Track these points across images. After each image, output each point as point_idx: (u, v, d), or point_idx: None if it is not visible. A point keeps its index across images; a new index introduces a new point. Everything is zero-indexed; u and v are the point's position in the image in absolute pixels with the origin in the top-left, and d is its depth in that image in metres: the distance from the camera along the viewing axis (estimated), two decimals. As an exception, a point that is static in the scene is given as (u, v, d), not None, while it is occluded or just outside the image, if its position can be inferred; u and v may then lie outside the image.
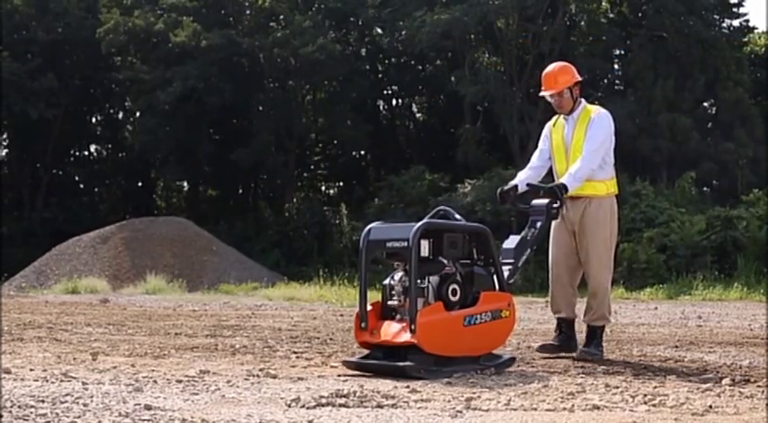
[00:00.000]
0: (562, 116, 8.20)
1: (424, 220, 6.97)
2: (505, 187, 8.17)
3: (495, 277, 7.21)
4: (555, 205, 7.89)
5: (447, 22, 35.30)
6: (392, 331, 6.78)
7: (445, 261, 6.95)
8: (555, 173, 8.20)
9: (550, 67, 8.23)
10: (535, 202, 8.02)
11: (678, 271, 26.62)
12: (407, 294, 6.74)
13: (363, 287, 6.99)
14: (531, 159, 8.40)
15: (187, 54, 38.02)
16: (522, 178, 8.20)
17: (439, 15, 35.43)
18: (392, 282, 6.95)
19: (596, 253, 8.02)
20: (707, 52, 35.67)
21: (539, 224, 7.85)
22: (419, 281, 6.76)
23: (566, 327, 8.21)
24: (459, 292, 6.93)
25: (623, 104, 34.73)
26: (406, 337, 6.65)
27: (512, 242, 7.76)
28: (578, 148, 7.99)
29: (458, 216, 7.33)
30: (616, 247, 8.33)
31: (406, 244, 6.71)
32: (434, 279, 6.89)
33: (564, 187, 7.77)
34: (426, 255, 6.87)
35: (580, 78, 8.18)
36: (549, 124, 8.37)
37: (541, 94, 8.22)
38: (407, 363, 6.56)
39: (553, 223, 8.16)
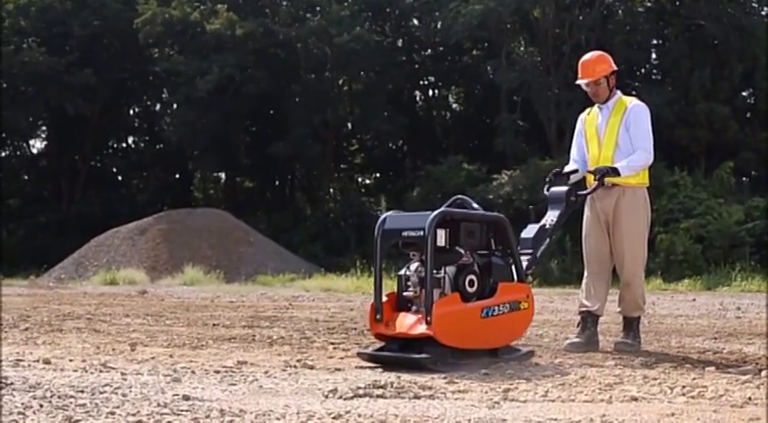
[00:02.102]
0: (597, 106, 8.18)
1: (441, 209, 6.81)
2: (565, 170, 8.13)
3: (513, 268, 7.08)
4: (577, 192, 7.85)
5: (482, 12, 35.18)
6: (408, 323, 6.64)
7: (462, 251, 6.80)
8: (587, 161, 8.17)
9: (587, 56, 8.20)
10: (553, 189, 7.97)
11: (716, 262, 26.44)
12: (423, 285, 6.61)
13: (378, 278, 6.83)
14: (572, 154, 8.37)
15: (223, 43, 38.14)
16: (573, 169, 8.18)
17: (474, 5, 35.32)
18: (408, 272, 6.81)
19: (630, 243, 7.94)
20: (745, 41, 35.32)
21: (557, 213, 7.76)
22: (435, 271, 6.61)
23: (591, 322, 8.04)
24: (476, 283, 6.77)
25: (660, 94, 34.50)
26: (421, 329, 6.51)
27: (530, 231, 7.63)
28: (611, 137, 7.96)
29: (475, 205, 7.21)
30: (649, 238, 8.27)
31: (422, 233, 6.56)
32: (451, 269, 6.75)
33: (615, 170, 7.72)
34: (443, 244, 6.71)
35: (616, 68, 8.15)
36: (583, 116, 8.35)
37: (578, 82, 8.19)
38: (423, 355, 6.44)
39: (585, 214, 8.13)
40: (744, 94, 38.71)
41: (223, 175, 47.30)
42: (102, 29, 41.29)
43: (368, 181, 47.43)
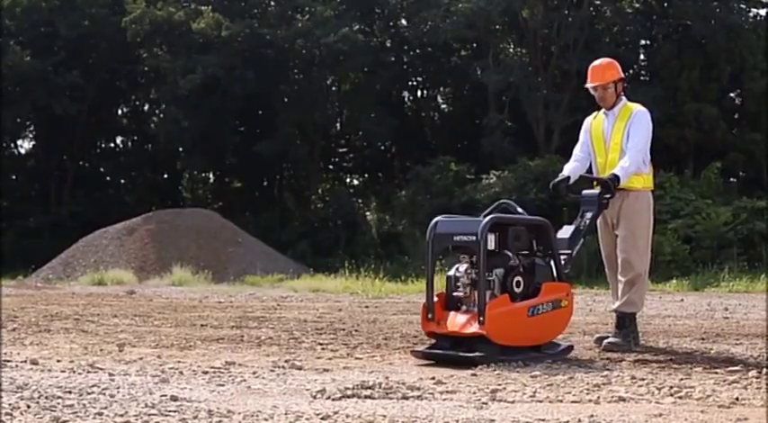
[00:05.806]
0: (603, 111, 8.45)
1: (492, 215, 7.18)
2: (557, 180, 8.39)
3: (553, 268, 7.41)
4: (606, 196, 8.08)
5: (471, 12, 35.23)
6: (459, 322, 7.02)
7: (510, 254, 7.17)
8: (595, 165, 8.44)
9: (598, 62, 8.52)
10: (586, 192, 8.28)
11: (704, 262, 26.47)
12: (474, 286, 7.00)
13: (430, 278, 7.22)
14: (574, 152, 8.63)
15: (210, 43, 38.08)
16: (571, 168, 8.43)
17: (462, 5, 35.36)
18: (457, 273, 7.17)
19: (633, 241, 8.15)
20: (733, 42, 35.40)
21: (590, 214, 8.07)
22: (486, 274, 6.97)
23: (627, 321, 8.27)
24: (522, 284, 7.15)
25: (648, 94, 34.55)
26: (474, 328, 6.89)
27: (566, 232, 7.96)
28: (617, 141, 8.23)
29: (519, 209, 7.58)
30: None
31: (474, 238, 6.94)
32: (500, 271, 7.11)
33: (617, 178, 7.98)
34: (493, 248, 7.08)
35: (624, 76, 8.49)
36: (590, 118, 8.61)
37: (587, 85, 8.46)
38: (478, 353, 6.78)
39: (599, 219, 8.34)
40: (732, 94, 38.81)
41: (211, 175, 47.24)
42: (90, 29, 41.13)
43: (356, 181, 47.39)
